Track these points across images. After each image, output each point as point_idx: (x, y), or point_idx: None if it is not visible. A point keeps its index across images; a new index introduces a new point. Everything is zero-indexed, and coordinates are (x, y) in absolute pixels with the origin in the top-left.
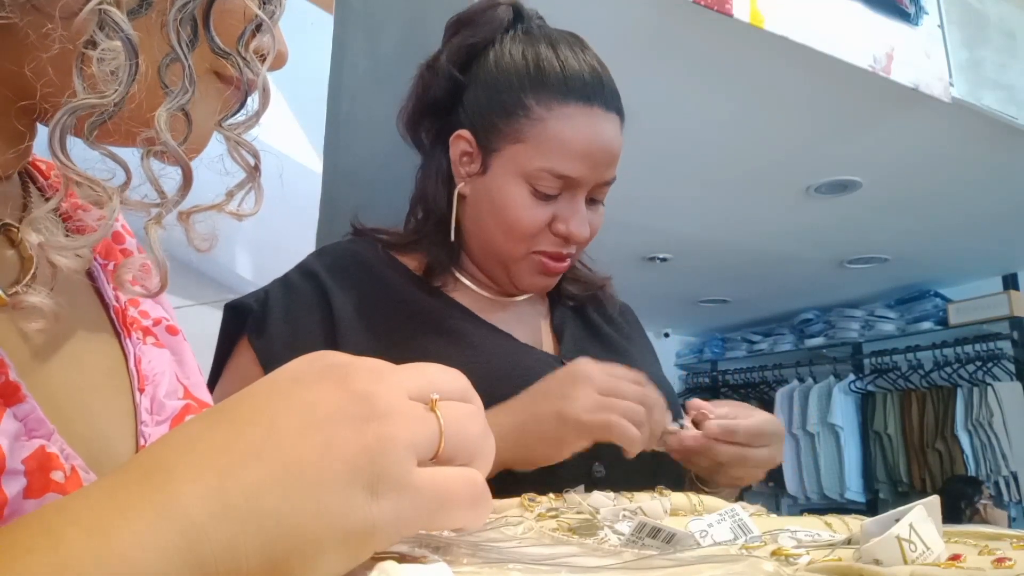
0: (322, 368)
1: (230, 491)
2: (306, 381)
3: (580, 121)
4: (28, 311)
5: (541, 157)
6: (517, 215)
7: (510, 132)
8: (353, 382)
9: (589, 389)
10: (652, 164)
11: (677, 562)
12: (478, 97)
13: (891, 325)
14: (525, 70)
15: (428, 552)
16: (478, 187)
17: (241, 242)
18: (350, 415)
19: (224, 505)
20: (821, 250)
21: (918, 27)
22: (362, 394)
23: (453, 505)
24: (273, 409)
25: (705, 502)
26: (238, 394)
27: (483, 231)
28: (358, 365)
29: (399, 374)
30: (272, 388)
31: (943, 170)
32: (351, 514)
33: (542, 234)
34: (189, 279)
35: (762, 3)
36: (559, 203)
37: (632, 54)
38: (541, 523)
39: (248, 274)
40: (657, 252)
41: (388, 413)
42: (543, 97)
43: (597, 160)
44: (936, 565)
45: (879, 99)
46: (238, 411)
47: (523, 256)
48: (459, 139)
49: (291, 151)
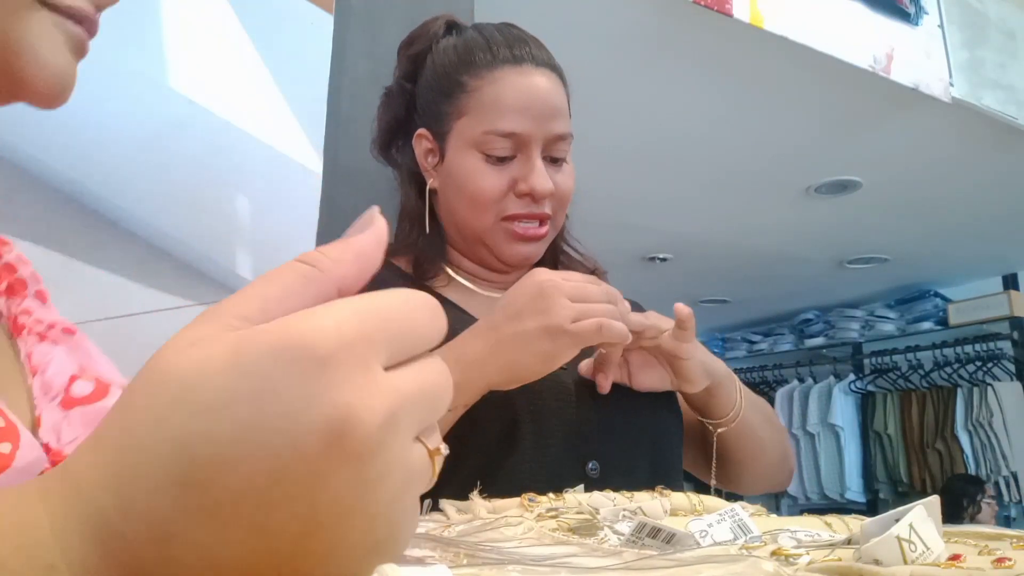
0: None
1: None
2: (311, 465)
3: (511, 79)
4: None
5: (483, 121)
6: (477, 184)
7: (453, 111)
8: None
9: (562, 298)
10: (652, 164)
11: (677, 562)
12: (424, 95)
13: (891, 325)
14: (456, 55)
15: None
16: (443, 175)
17: (241, 242)
18: (356, 515)
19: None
20: (821, 250)
21: (918, 27)
22: (372, 484)
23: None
24: (266, 501)
25: (705, 502)
26: (217, 443)
27: (454, 212)
28: None
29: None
30: (265, 460)
31: (943, 170)
32: None
33: (507, 199)
34: (189, 279)
35: (762, 3)
36: (515, 165)
37: (632, 54)
38: (541, 523)
39: (248, 274)
40: (657, 252)
41: (392, 502)
42: (474, 70)
43: (536, 111)
44: (936, 565)
45: (879, 99)
46: (222, 492)
47: (493, 224)
48: (420, 138)
49: (291, 151)
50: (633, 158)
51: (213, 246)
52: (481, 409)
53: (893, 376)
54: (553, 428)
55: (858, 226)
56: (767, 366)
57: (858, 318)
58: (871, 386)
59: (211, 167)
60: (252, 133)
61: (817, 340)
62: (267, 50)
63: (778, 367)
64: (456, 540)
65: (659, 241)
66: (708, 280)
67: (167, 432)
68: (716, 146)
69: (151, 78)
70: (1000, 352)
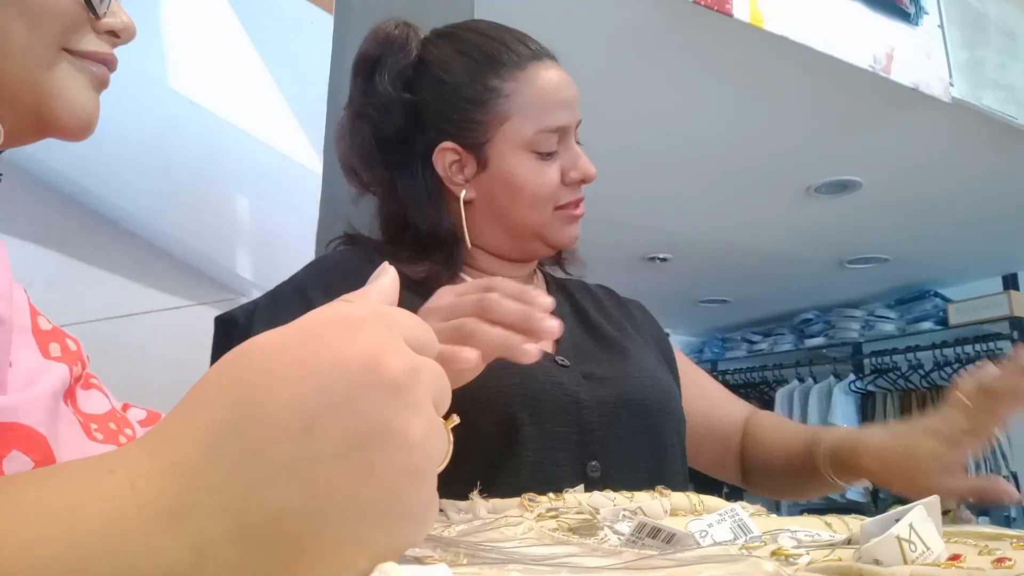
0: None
1: (252, 509)
2: (346, 378)
3: (542, 75)
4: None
5: (532, 121)
6: (535, 182)
7: (492, 119)
8: (398, 396)
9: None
10: (652, 163)
11: (677, 562)
12: (441, 108)
13: (891, 325)
14: (474, 61)
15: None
16: (484, 183)
17: (241, 242)
18: (392, 437)
19: (242, 526)
20: (821, 250)
21: (918, 27)
22: (406, 410)
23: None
24: (312, 409)
25: (705, 502)
26: (264, 373)
27: (507, 215)
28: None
29: (430, 390)
30: (309, 379)
31: (943, 170)
32: (383, 543)
33: (559, 189)
34: (189, 279)
35: (762, 3)
36: (560, 157)
37: (632, 54)
38: (541, 523)
39: (248, 274)
40: (657, 252)
41: (426, 435)
42: (504, 73)
43: (572, 102)
44: (936, 565)
45: (879, 99)
46: (273, 406)
47: (551, 217)
48: (444, 152)
49: (291, 151)
50: (633, 157)
51: (213, 246)
52: (481, 411)
53: (893, 376)
54: (554, 430)
55: (858, 226)
56: (767, 366)
57: (858, 318)
58: (871, 386)
59: (211, 167)
60: (252, 133)
61: (817, 340)
62: (267, 50)
63: (778, 367)
64: (456, 540)
65: (659, 241)
66: (708, 280)
67: (227, 374)
68: (716, 146)
69: (151, 78)
70: (1000, 352)
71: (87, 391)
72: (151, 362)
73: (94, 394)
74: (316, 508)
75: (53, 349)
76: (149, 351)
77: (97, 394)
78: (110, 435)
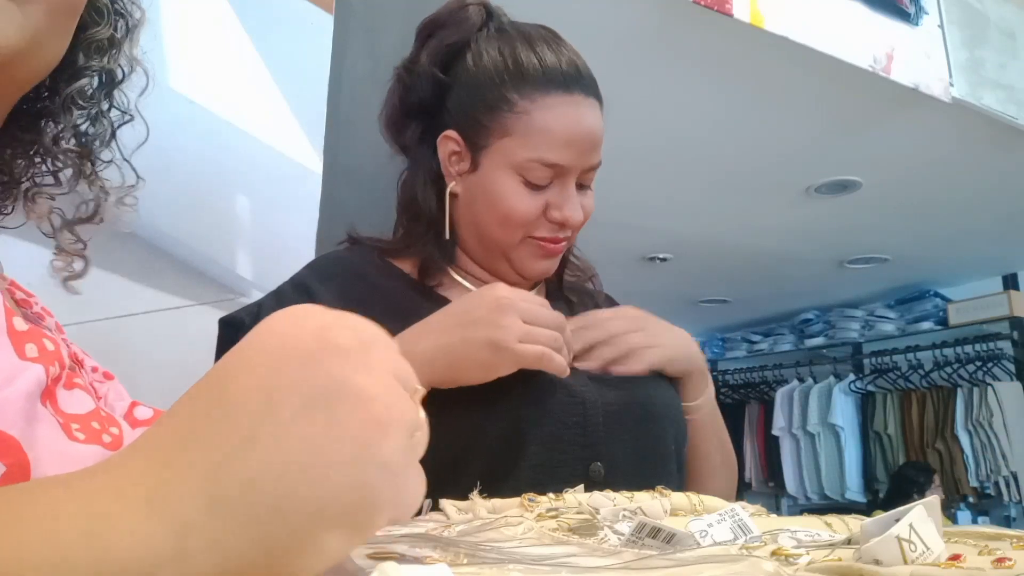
0: (314, 339)
1: (223, 482)
2: (299, 352)
3: (563, 110)
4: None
5: (529, 148)
6: (511, 205)
7: (496, 127)
8: (347, 360)
9: (515, 317)
10: (652, 164)
11: (677, 562)
12: (461, 97)
13: (891, 325)
14: (504, 66)
15: (429, 552)
16: (470, 184)
17: (241, 242)
18: (350, 391)
19: (215, 499)
20: (821, 250)
21: (918, 27)
22: (362, 369)
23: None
24: (271, 385)
25: (705, 502)
26: (228, 366)
27: (480, 225)
28: (344, 344)
29: (385, 362)
30: (265, 360)
31: (943, 170)
32: (358, 497)
33: (537, 221)
34: (189, 279)
35: (762, 3)
36: (551, 191)
37: (632, 54)
38: (541, 523)
39: (248, 274)
40: (657, 252)
41: (385, 390)
42: (525, 90)
43: (582, 146)
44: (936, 565)
45: (879, 99)
46: (232, 388)
47: (520, 242)
48: (447, 139)
49: (291, 151)
50: (633, 158)
51: (213, 246)
52: (484, 414)
53: (893, 376)
54: (560, 430)
55: (858, 226)
56: (767, 366)
57: (858, 318)
58: (871, 386)
59: (211, 167)
60: (252, 133)
61: (817, 340)
62: (267, 50)
63: (778, 367)
64: (456, 540)
65: (659, 241)
66: (708, 280)
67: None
68: (716, 146)
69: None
70: (1000, 352)
71: (70, 391)
72: (151, 362)
73: (77, 393)
74: (285, 469)
75: (29, 350)
76: (149, 351)
77: (80, 393)
78: (92, 435)
